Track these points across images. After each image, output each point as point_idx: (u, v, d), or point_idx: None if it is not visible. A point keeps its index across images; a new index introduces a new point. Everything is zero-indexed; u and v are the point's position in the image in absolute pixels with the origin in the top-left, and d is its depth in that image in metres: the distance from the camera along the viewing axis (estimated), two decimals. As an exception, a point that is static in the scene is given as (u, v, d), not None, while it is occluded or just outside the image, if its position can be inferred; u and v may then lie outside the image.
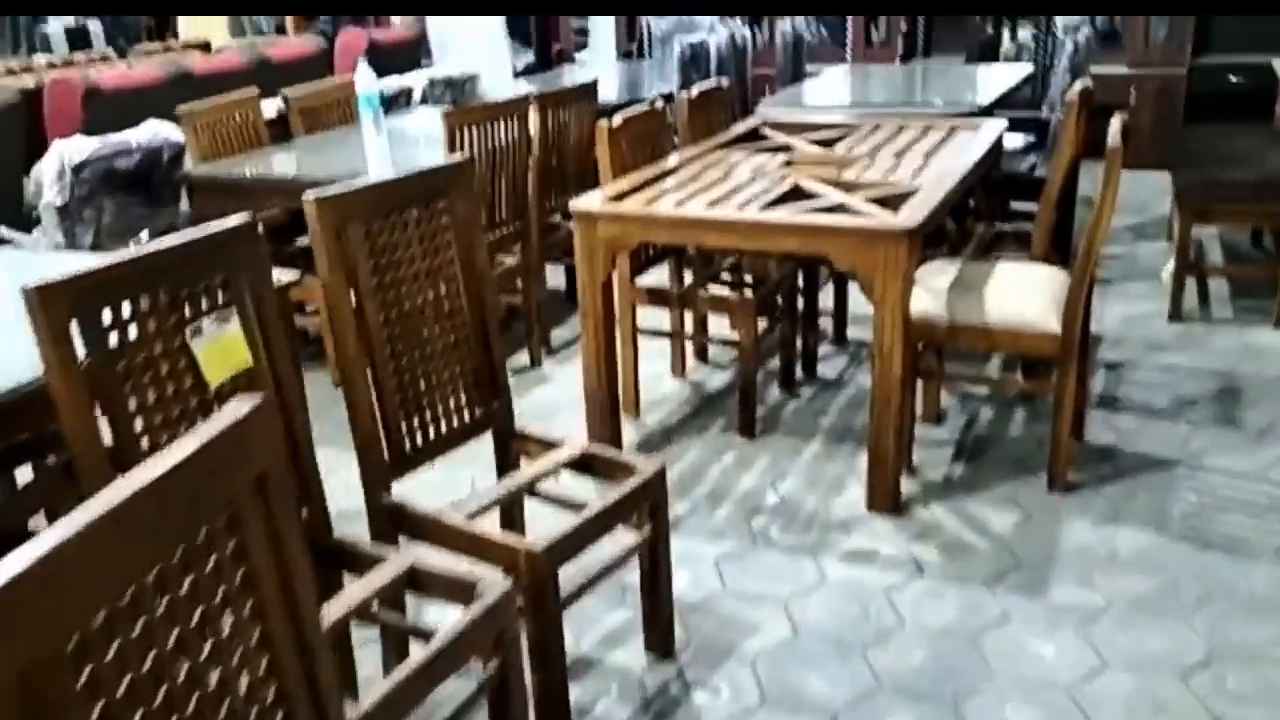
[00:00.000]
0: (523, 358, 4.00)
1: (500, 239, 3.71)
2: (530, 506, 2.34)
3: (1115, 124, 2.75)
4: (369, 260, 2.06)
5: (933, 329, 2.88)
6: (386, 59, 6.03)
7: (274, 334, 1.85)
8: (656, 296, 3.36)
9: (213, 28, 7.41)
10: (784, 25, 5.33)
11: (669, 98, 4.35)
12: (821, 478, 3.10)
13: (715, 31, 5.07)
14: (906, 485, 2.99)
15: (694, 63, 4.97)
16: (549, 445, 2.35)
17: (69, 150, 3.37)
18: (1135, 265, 4.82)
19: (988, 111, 4.46)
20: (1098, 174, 2.76)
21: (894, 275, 2.65)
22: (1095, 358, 3.82)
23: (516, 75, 7.05)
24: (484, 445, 2.34)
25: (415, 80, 4.93)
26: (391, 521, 2.08)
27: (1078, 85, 3.30)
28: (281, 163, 3.75)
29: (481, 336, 2.31)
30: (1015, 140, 5.11)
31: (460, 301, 2.26)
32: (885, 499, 2.86)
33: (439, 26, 6.64)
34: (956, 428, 3.36)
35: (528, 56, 7.76)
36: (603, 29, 8.05)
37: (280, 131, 4.16)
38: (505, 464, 2.41)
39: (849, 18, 7.08)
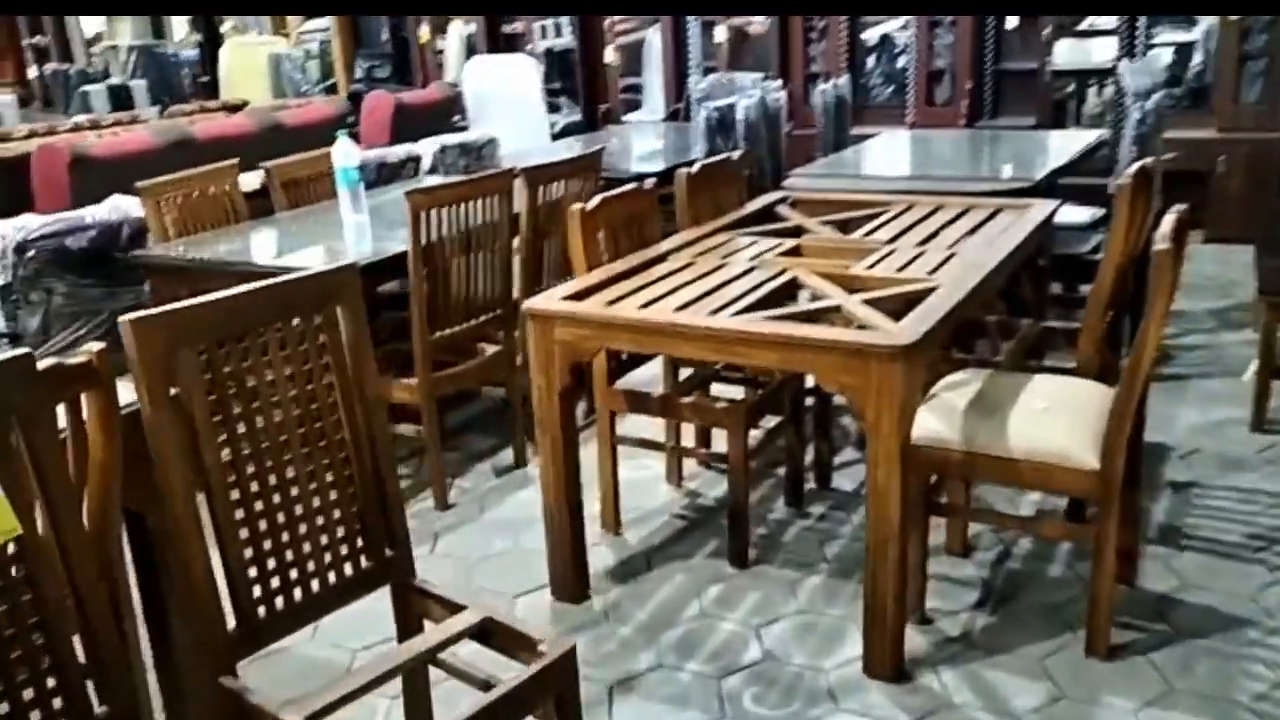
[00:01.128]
0: (507, 456, 3.62)
1: (480, 325, 3.35)
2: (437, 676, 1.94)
3: (1168, 222, 2.27)
4: (208, 394, 1.70)
5: (944, 459, 2.42)
6: (415, 122, 5.79)
7: (56, 489, 1.49)
8: (637, 401, 2.95)
9: (254, 89, 7.31)
10: (823, 86, 4.92)
11: (666, 173, 3.95)
12: (817, 625, 2.63)
13: (748, 94, 4.68)
14: (916, 640, 2.51)
15: (721, 129, 4.58)
16: (451, 607, 1.95)
17: (10, 229, 3.14)
18: (1216, 359, 4.25)
19: (1045, 186, 3.97)
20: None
21: (889, 400, 2.20)
22: (1160, 475, 3.28)
23: (556, 137, 6.76)
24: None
25: (425, 147, 4.64)
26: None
27: (1135, 165, 2.82)
28: (243, 243, 3.46)
29: (372, 475, 1.93)
30: (1079, 215, 4.60)
31: (343, 434, 1.89)
32: (884, 664, 2.39)
33: (475, 87, 6.39)
34: (986, 562, 2.86)
35: (573, 116, 7.49)
36: (655, 87, 7.75)
37: (265, 205, 3.90)
38: (406, 625, 2.02)
39: (910, 75, 6.64)
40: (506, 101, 6.31)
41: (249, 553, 1.77)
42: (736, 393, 3.19)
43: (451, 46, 8.35)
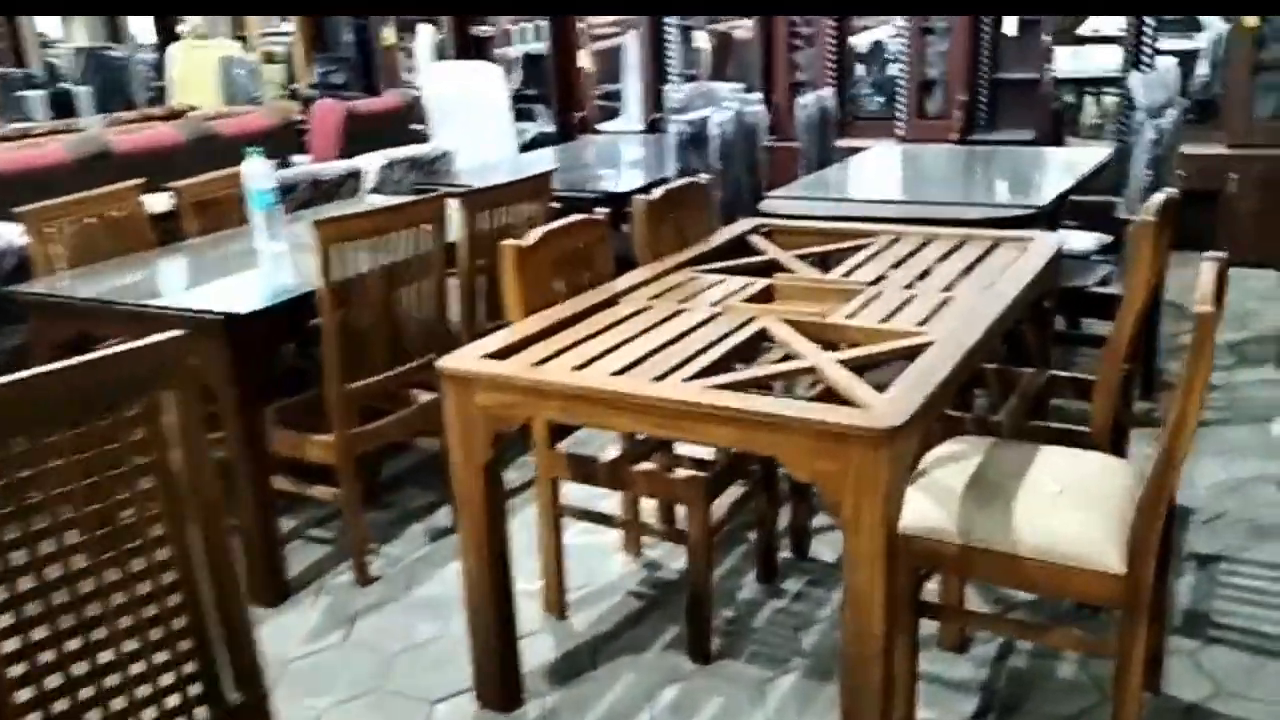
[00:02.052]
0: (443, 516, 3.21)
1: (410, 371, 2.94)
2: None
3: (1207, 276, 1.87)
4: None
5: (937, 552, 2.01)
6: (368, 132, 5.38)
7: None
8: (582, 468, 2.54)
9: (205, 95, 6.88)
10: (803, 99, 4.52)
11: (620, 198, 3.55)
12: (786, 741, 2.23)
13: (724, 107, 4.28)
14: (903, 765, 2.10)
15: (694, 145, 4.18)
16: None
17: None
18: (1236, 401, 3.86)
19: (1050, 213, 3.58)
20: (1191, 272, 1.91)
21: (871, 492, 1.80)
22: (1183, 544, 2.89)
23: (526, 147, 6.35)
24: None
25: (369, 161, 4.22)
26: None
27: (1157, 198, 2.42)
28: (139, 277, 3.05)
29: (214, 605, 1.52)
30: (1084, 241, 4.21)
31: (167, 553, 1.48)
32: (864, 801, 1.98)
33: (436, 94, 5.97)
34: (985, 659, 2.46)
35: (548, 125, 7.08)
36: (634, 95, 7.34)
37: (179, 230, 3.48)
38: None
39: (903, 86, 6.25)
40: (470, 110, 5.90)
41: None
42: (706, 452, 2.78)
43: (421, 50, 7.94)
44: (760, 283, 2.73)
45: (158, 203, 3.42)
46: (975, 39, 5.96)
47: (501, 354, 2.21)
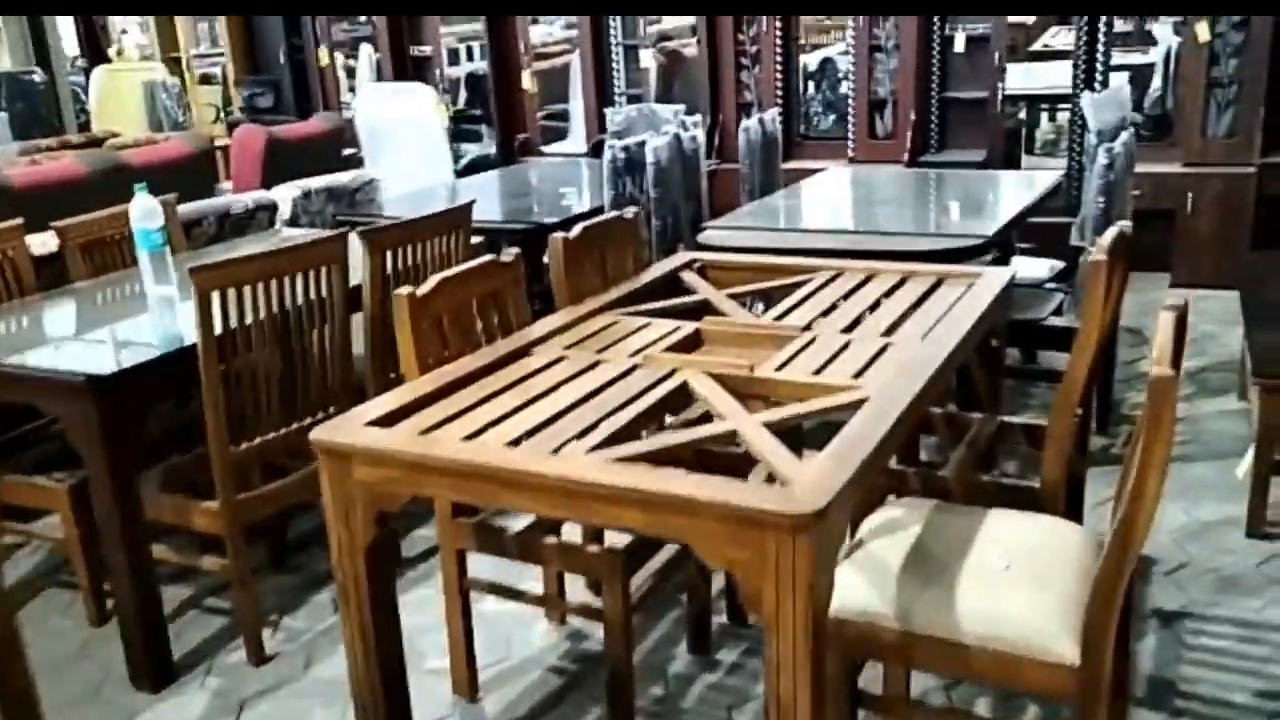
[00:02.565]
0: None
1: (309, 426, 2.68)
2: None
3: (1165, 332, 1.67)
4: None
5: (873, 638, 1.80)
6: (293, 159, 5.12)
7: None
8: (488, 539, 2.30)
9: (128, 121, 6.57)
10: (747, 121, 4.32)
11: (548, 230, 3.34)
12: (713, 846, 2.00)
13: (663, 131, 4.07)
14: None
15: (629, 172, 3.97)
16: None
17: None
18: (1198, 435, 3.69)
19: (999, 241, 3.40)
20: (1148, 297, 1.70)
21: (790, 584, 1.58)
22: (1144, 599, 2.70)
23: (464, 172, 6.11)
24: None
25: (283, 192, 3.97)
26: None
27: (1109, 234, 2.23)
28: (12, 327, 2.78)
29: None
30: (1037, 269, 4.05)
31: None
32: None
33: (368, 117, 5.73)
34: (933, 740, 2.24)
35: (490, 147, 6.85)
36: (580, 116, 7.13)
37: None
38: None
39: (850, 106, 6.08)
40: (404, 134, 5.66)
41: None
42: None
43: (362, 70, 7.69)
44: (688, 327, 2.51)
45: (45, 243, 3.15)
46: (924, 57, 5.81)
47: (389, 419, 1.98)
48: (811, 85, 7.43)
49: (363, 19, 7.50)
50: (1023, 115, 6.84)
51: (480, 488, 1.81)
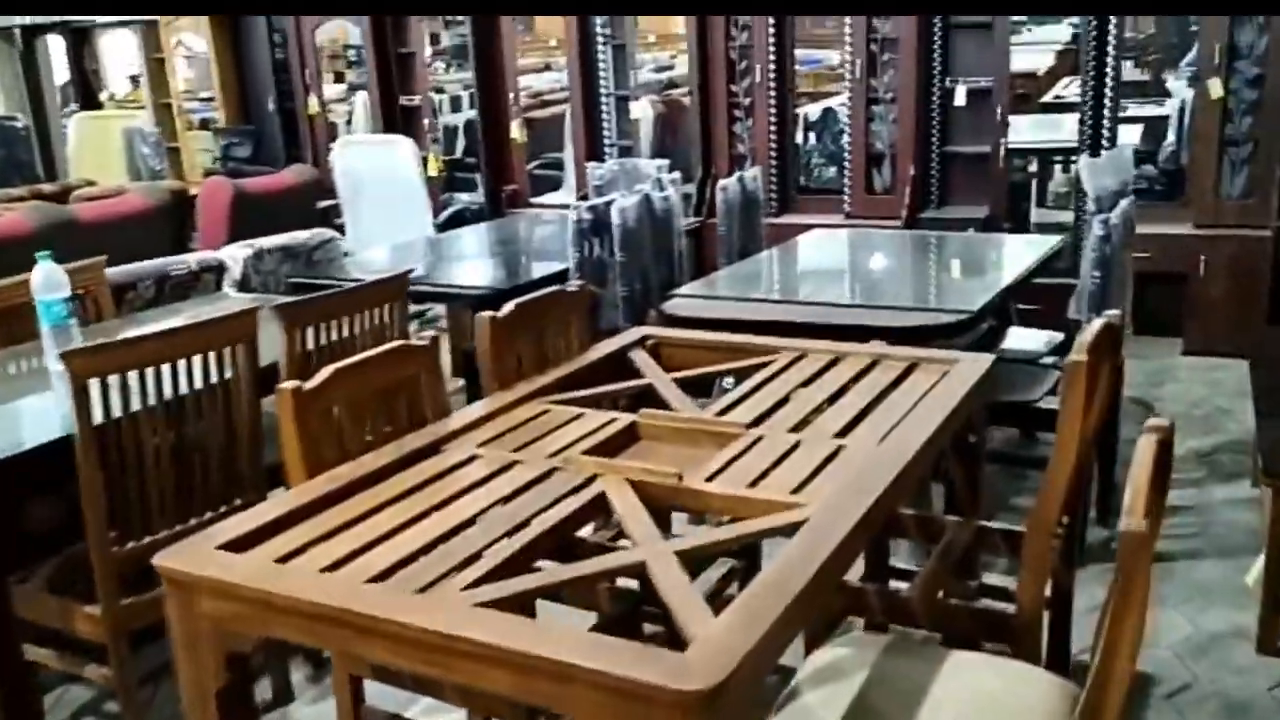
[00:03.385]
0: (264, 688, 2.69)
1: (203, 526, 2.43)
2: None
3: (1144, 455, 1.41)
4: None
5: (799, 820, 1.52)
6: (263, 213, 4.92)
7: None
8: (383, 669, 2.04)
9: (107, 169, 6.42)
10: (725, 181, 4.08)
11: (492, 298, 3.09)
12: None
13: (633, 191, 3.84)
14: None
15: (596, 234, 3.73)
16: None
17: None
18: (1207, 527, 3.38)
19: (988, 313, 3.14)
20: (1156, 363, 1.43)
21: (684, 770, 1.30)
22: (1141, 729, 2.40)
23: (445, 225, 5.91)
24: None
25: (232, 253, 3.75)
26: None
27: (1092, 329, 1.96)
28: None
29: None
30: (1031, 340, 3.77)
31: None
32: None
33: (346, 171, 5.54)
34: None
35: (473, 199, 6.65)
36: (571, 166, 6.93)
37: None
38: None
39: (847, 159, 5.84)
40: (382, 187, 5.46)
41: None
42: (584, 618, 2.26)
43: (359, 120, 7.54)
44: (624, 420, 2.25)
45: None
46: (924, 110, 5.58)
47: (249, 540, 1.72)
48: (813, 136, 7.23)
49: (360, 65, 7.36)
50: (1034, 168, 6.60)
51: (331, 633, 1.54)
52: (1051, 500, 1.95)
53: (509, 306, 2.48)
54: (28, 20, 8.32)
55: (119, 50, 7.99)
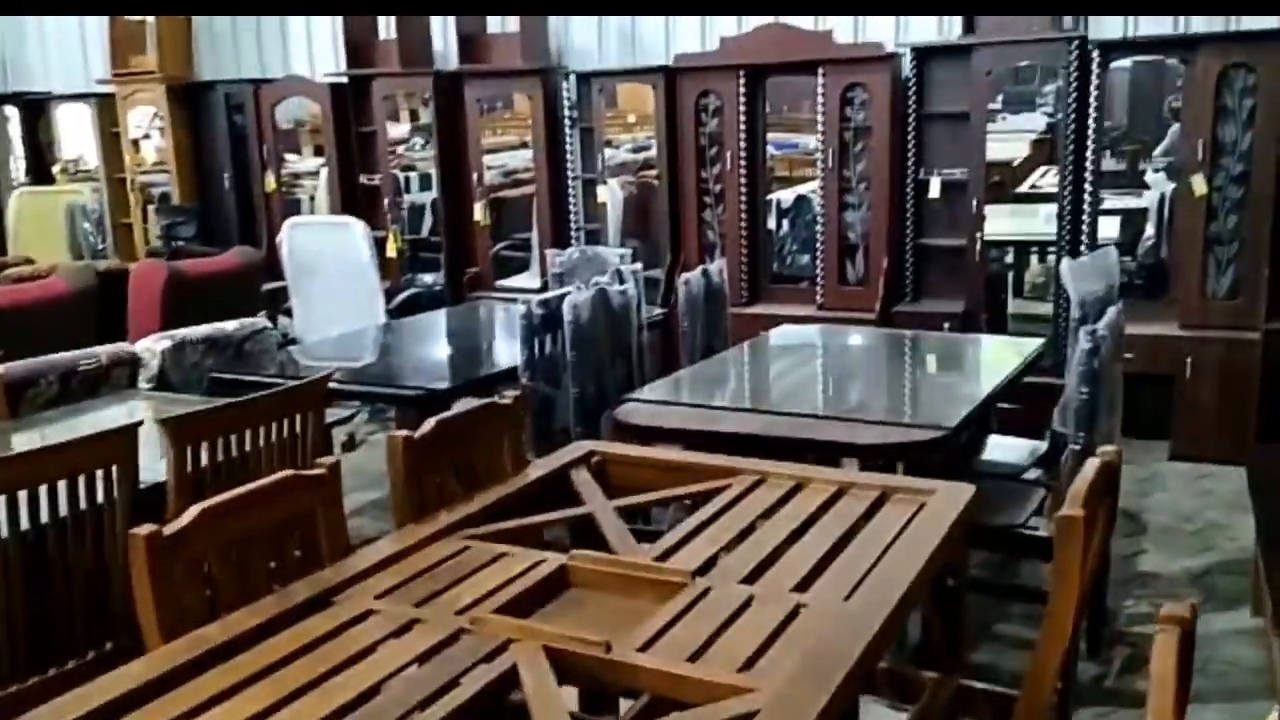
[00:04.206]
0: None
1: (67, 676, 2.09)
2: None
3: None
4: None
5: None
6: (202, 297, 4.64)
7: None
8: None
9: (48, 246, 6.13)
10: (688, 275, 3.83)
11: (428, 400, 2.79)
12: None
13: (588, 285, 3.58)
14: None
15: (549, 328, 3.46)
16: None
17: None
18: (1206, 665, 3.08)
19: (970, 424, 2.87)
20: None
21: None
22: None
23: (400, 311, 5.64)
24: None
25: (149, 345, 3.45)
26: None
27: (1085, 475, 1.69)
28: None
29: None
30: (1013, 451, 3.51)
31: None
32: None
33: (294, 253, 5.27)
34: None
35: (436, 280, 6.38)
36: (536, 250, 6.69)
37: None
38: None
39: (819, 251, 5.63)
40: (332, 270, 5.19)
41: None
42: None
43: (320, 197, 7.30)
44: (553, 562, 1.95)
45: None
46: (898, 200, 5.39)
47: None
48: (786, 222, 7.03)
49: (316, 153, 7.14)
50: (1010, 259, 6.42)
51: None
52: (1044, 670, 1.66)
53: (428, 424, 2.19)
54: (-18, 91, 8.10)
55: (76, 122, 7.74)
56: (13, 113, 7.99)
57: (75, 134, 7.73)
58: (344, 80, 6.64)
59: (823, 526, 2.09)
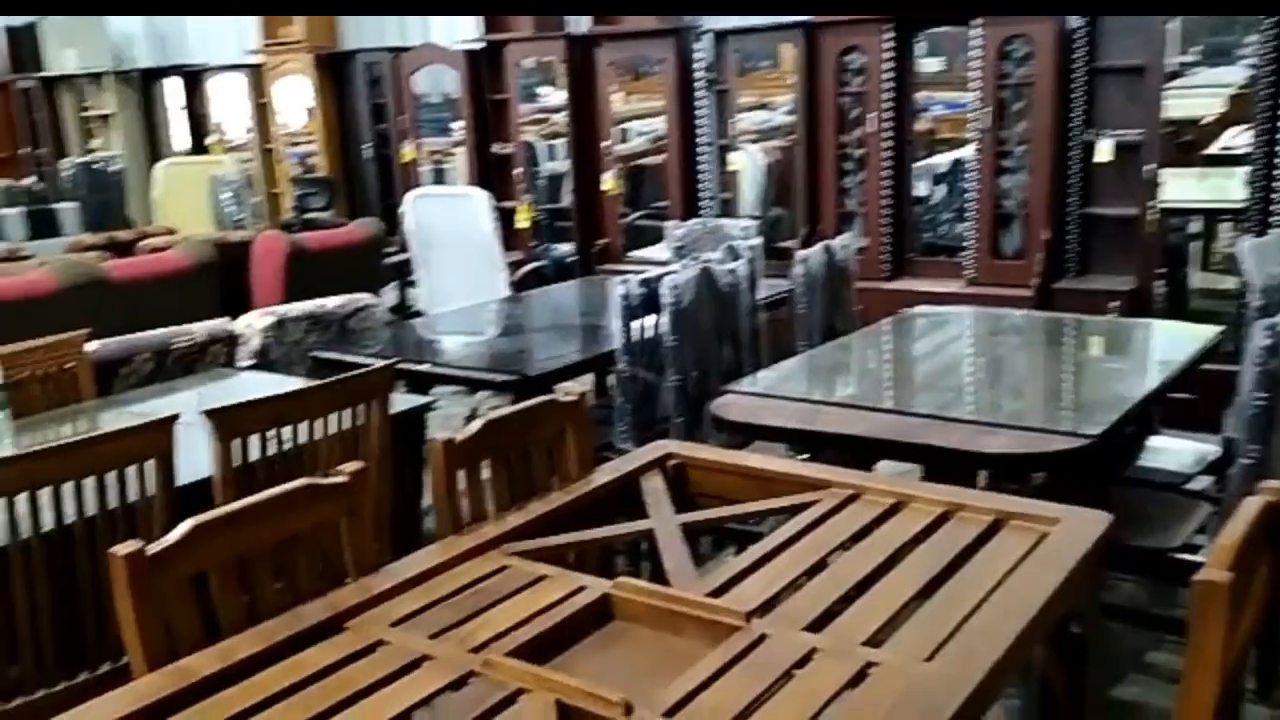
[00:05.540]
0: None
1: (91, 685, 2.00)
2: None
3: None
4: None
5: None
6: (323, 271, 4.61)
7: None
8: None
9: (193, 216, 6.28)
10: (803, 252, 3.49)
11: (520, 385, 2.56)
12: None
13: (695, 262, 3.31)
14: None
15: (647, 310, 3.21)
16: None
17: None
18: None
19: (1119, 431, 2.47)
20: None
21: None
22: None
23: (523, 284, 5.49)
24: None
25: (249, 322, 3.38)
26: None
27: (1245, 513, 1.33)
28: None
29: None
30: (1180, 457, 3.06)
31: None
32: None
33: (418, 225, 5.19)
34: None
35: (569, 252, 6.22)
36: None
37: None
38: None
39: (973, 220, 5.16)
40: (455, 242, 5.09)
41: None
42: None
43: (459, 167, 7.26)
44: (596, 589, 1.72)
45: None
46: (1061, 165, 4.87)
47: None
48: (941, 190, 6.55)
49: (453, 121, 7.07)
50: (1196, 228, 5.76)
51: None
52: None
53: (475, 426, 1.98)
54: (148, 64, 8.40)
55: (229, 93, 7.94)
56: (174, 85, 8.26)
57: (228, 106, 7.93)
58: (479, 47, 6.53)
59: (916, 559, 1.78)
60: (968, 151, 5.74)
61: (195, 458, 2.15)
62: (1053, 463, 2.31)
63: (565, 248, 6.56)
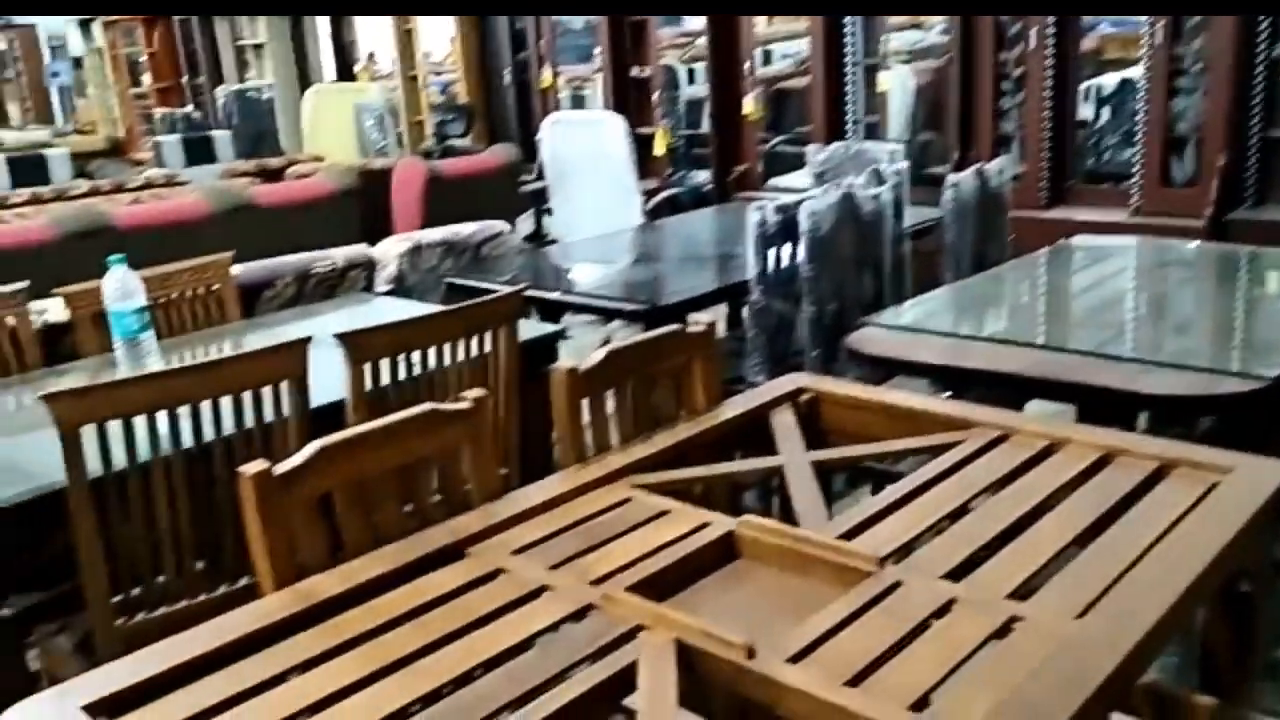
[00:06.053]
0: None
1: (229, 597, 2.06)
2: None
3: None
4: None
5: None
6: (460, 197, 4.63)
7: None
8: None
9: (339, 144, 6.38)
10: (955, 176, 3.28)
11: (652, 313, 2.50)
12: None
13: (836, 186, 3.16)
14: None
15: (787, 239, 3.09)
16: None
17: None
18: None
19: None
20: None
21: None
22: None
23: (656, 211, 5.40)
24: None
25: (386, 248, 3.42)
26: None
27: None
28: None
29: None
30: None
31: None
32: None
33: (553, 151, 5.15)
34: None
35: (697, 180, 6.10)
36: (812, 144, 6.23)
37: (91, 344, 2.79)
38: None
39: (1141, 144, 4.80)
40: (590, 168, 5.03)
41: None
42: None
43: (598, 92, 7.19)
44: (721, 525, 1.66)
45: (56, 310, 2.76)
46: (1243, 83, 4.46)
47: (151, 688, 1.30)
48: (1107, 112, 6.13)
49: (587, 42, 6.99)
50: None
51: None
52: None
53: (598, 354, 1.93)
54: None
55: (376, 22, 8.03)
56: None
57: (375, 35, 8.03)
58: (618, -32, 6.40)
59: (1069, 507, 1.65)
60: (1137, 71, 5.33)
61: (330, 380, 2.17)
62: (1223, 406, 2.12)
63: (702, 175, 6.43)
